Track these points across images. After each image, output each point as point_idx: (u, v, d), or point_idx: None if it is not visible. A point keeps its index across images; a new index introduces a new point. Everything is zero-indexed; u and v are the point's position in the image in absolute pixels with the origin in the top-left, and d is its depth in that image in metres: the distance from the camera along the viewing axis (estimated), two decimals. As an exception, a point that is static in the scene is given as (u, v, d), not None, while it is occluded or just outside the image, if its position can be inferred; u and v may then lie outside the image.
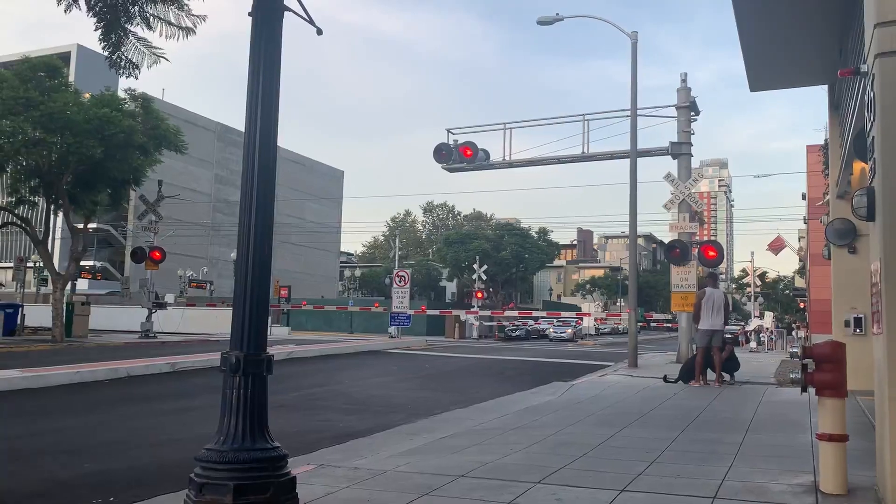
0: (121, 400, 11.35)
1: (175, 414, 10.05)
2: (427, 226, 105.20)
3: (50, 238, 26.79)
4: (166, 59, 5.17)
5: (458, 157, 21.24)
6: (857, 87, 8.18)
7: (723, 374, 13.27)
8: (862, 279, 8.92)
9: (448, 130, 21.69)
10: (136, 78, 5.31)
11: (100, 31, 4.89)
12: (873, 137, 5.19)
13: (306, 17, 4.99)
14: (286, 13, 4.86)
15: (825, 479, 5.12)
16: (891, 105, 4.94)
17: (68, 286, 27.30)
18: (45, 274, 36.37)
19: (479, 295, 49.26)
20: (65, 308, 25.27)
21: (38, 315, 30.54)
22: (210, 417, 5.58)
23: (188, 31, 5.03)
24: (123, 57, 5.06)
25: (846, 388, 5.16)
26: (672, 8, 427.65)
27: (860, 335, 11.29)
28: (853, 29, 8.85)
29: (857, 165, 10.33)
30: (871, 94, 5.23)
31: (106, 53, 5.07)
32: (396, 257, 56.91)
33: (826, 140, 15.53)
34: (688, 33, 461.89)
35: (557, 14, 19.50)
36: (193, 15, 4.93)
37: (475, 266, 53.31)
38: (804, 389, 5.31)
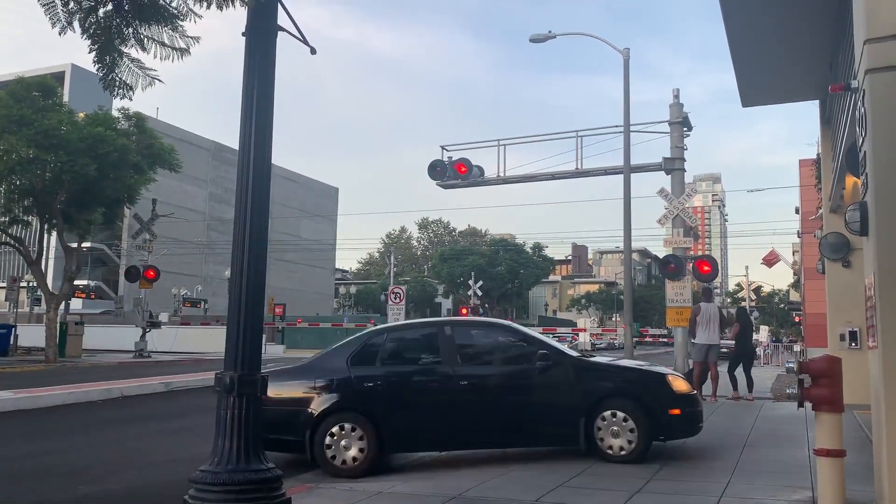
0: (115, 420, 11.26)
1: (170, 434, 9.97)
2: (422, 242, 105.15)
3: (43, 257, 26.61)
4: (160, 81, 5.18)
5: (452, 173, 21.24)
6: (848, 102, 8.24)
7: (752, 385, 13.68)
8: (857, 293, 8.94)
9: (442, 147, 21.66)
10: (131, 99, 5.33)
11: (94, 52, 4.90)
12: (865, 152, 5.22)
13: (300, 37, 5.01)
14: (279, 32, 4.89)
15: (823, 495, 5.09)
16: (881, 120, 4.97)
17: (62, 306, 27.16)
18: (38, 293, 36.16)
19: (464, 311, 48.69)
20: (58, 328, 25.12)
21: (31, 335, 30.33)
22: (205, 437, 5.53)
23: (183, 51, 5.04)
24: (118, 78, 5.06)
25: (843, 403, 5.14)
26: (663, 23, 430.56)
27: (856, 349, 11.29)
28: (843, 45, 8.93)
29: (850, 180, 10.37)
30: (862, 110, 5.26)
31: (100, 75, 5.08)
32: (392, 274, 56.72)
33: (818, 154, 15.64)
34: (679, 48, 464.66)
35: (550, 31, 19.59)
36: (187, 36, 4.94)
37: (470, 282, 53.23)
38: (801, 405, 5.30)
